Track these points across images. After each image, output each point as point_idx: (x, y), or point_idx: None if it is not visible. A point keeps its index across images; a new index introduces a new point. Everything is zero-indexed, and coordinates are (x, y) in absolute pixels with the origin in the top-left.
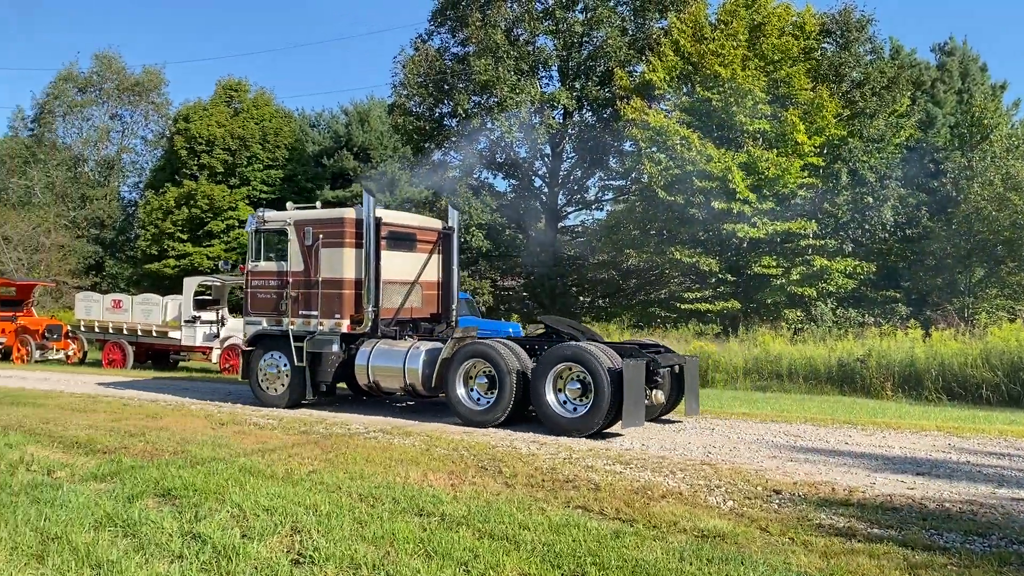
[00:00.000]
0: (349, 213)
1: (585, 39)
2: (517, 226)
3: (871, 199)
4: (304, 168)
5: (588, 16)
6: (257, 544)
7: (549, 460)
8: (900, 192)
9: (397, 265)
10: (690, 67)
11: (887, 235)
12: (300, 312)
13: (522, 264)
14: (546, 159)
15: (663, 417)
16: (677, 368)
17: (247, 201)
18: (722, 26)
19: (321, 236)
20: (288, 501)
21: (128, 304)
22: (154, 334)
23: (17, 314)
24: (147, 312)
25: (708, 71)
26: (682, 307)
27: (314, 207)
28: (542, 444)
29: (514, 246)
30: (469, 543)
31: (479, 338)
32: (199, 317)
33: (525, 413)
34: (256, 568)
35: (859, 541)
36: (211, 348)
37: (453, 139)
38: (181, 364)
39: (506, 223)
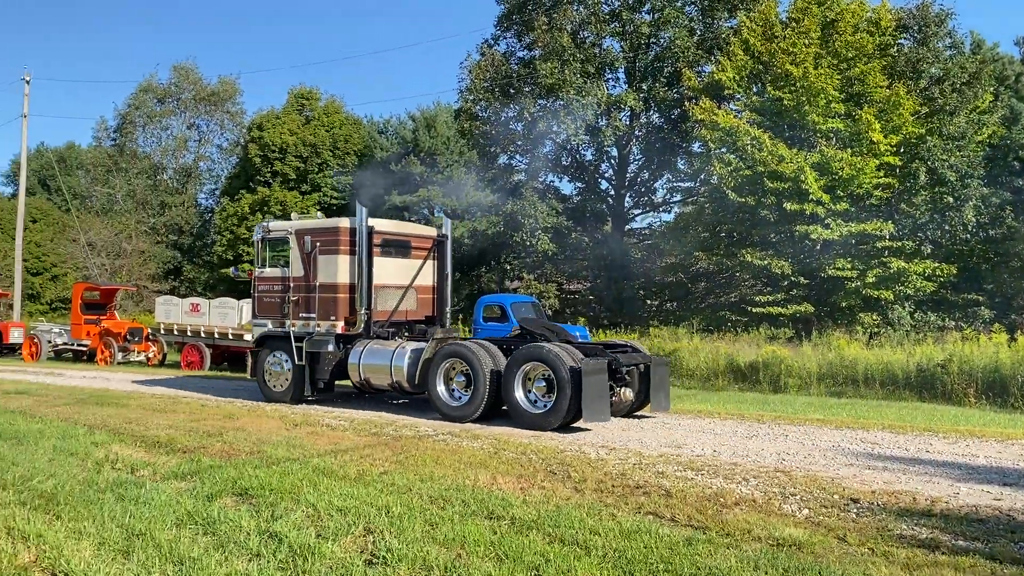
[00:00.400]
0: (343, 223)
1: (652, 40)
2: (583, 229)
3: (951, 199)
4: (373, 173)
5: (655, 17)
6: (332, 544)
7: (618, 466)
8: (983, 191)
9: (392, 270)
10: (760, 66)
11: (968, 236)
12: (300, 315)
13: (588, 267)
14: (612, 161)
15: (636, 413)
16: (643, 367)
17: (318, 207)
18: (793, 24)
19: (318, 244)
20: (361, 502)
21: (205, 308)
22: (230, 337)
23: (101, 317)
24: (223, 315)
25: (779, 70)
26: (753, 311)
27: (315, 217)
28: (611, 449)
29: (580, 249)
30: (540, 547)
31: (457, 339)
32: None
33: (500, 409)
34: (331, 568)
35: (943, 553)
36: None
37: (519, 143)
38: None
39: (572, 226)
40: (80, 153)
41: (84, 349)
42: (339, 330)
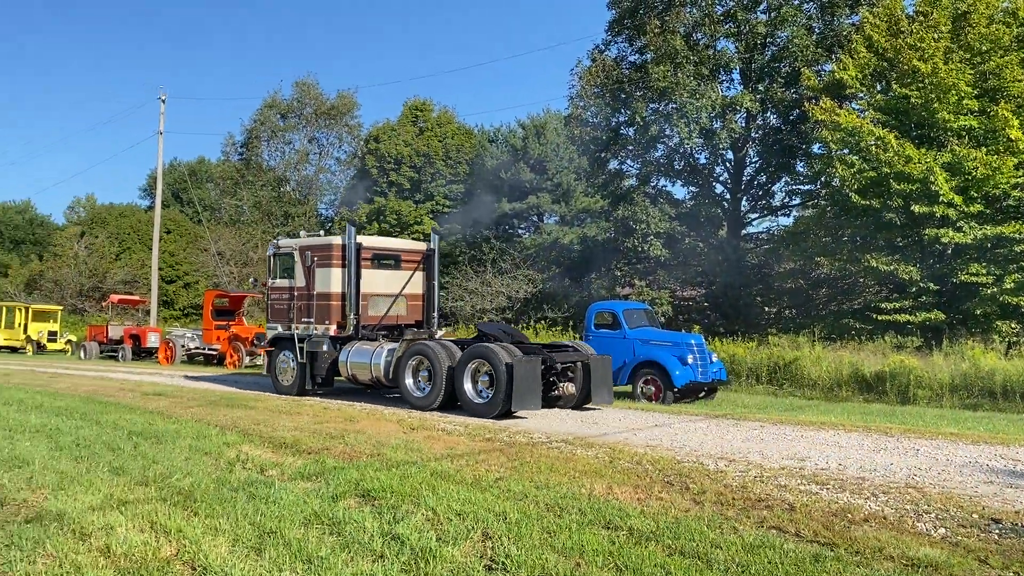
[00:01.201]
0: (336, 240)
1: (768, 40)
2: (697, 234)
3: None
4: (484, 182)
5: (772, 16)
6: (452, 548)
7: (739, 478)
8: None
9: (382, 280)
10: (885, 63)
11: None
12: (302, 319)
13: (703, 274)
14: (728, 164)
15: (586, 406)
16: (583, 364)
17: (431, 215)
18: (921, 18)
19: (316, 258)
20: (478, 507)
21: None
22: None
23: (230, 323)
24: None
25: (906, 67)
26: (878, 318)
27: (318, 235)
28: (730, 461)
29: (694, 255)
30: (659, 559)
31: (422, 340)
32: None
33: (456, 401)
34: (452, 571)
35: None
36: None
37: (630, 147)
38: None
39: (685, 231)
40: (210, 167)
41: (215, 353)
42: (332, 333)
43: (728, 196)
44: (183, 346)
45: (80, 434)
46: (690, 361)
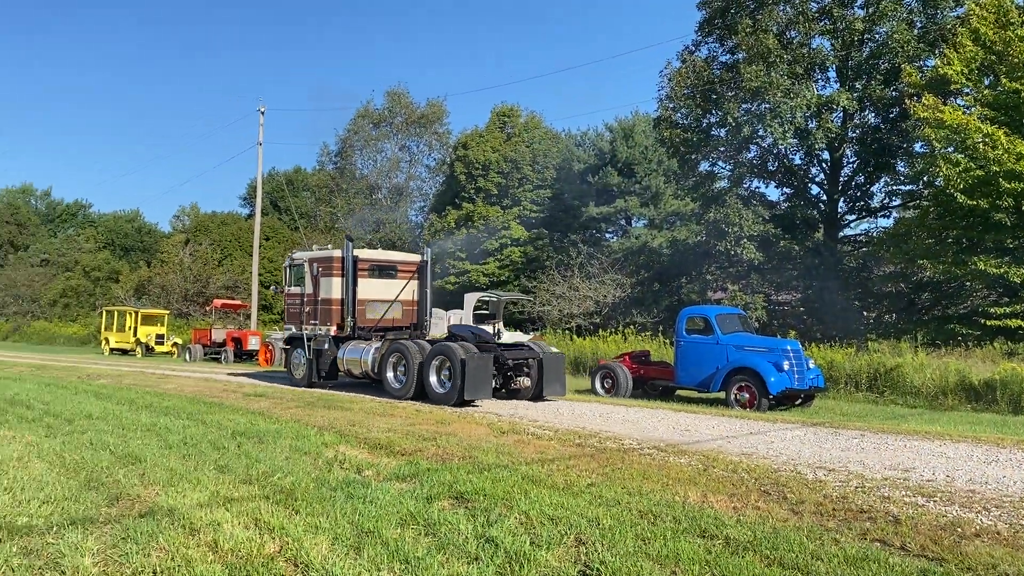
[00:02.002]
0: (337, 253)
1: (866, 36)
2: (792, 237)
3: None
4: (570, 186)
5: (870, 12)
6: (545, 552)
7: (839, 488)
8: None
9: (379, 288)
10: (993, 57)
11: None
12: (310, 322)
13: (798, 277)
14: (824, 165)
15: (546, 397)
16: (534, 361)
17: (518, 220)
18: None
19: (321, 268)
20: (571, 512)
21: None
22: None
23: None
24: (434, 325)
25: (1016, 59)
26: (987, 323)
27: (325, 248)
28: (829, 471)
29: (789, 258)
30: (758, 570)
31: (401, 340)
32: None
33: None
34: None
35: None
36: None
37: (721, 149)
38: None
39: (780, 234)
40: (306, 176)
41: None
42: (333, 333)
43: (824, 197)
44: (281, 349)
45: (187, 433)
46: (786, 367)
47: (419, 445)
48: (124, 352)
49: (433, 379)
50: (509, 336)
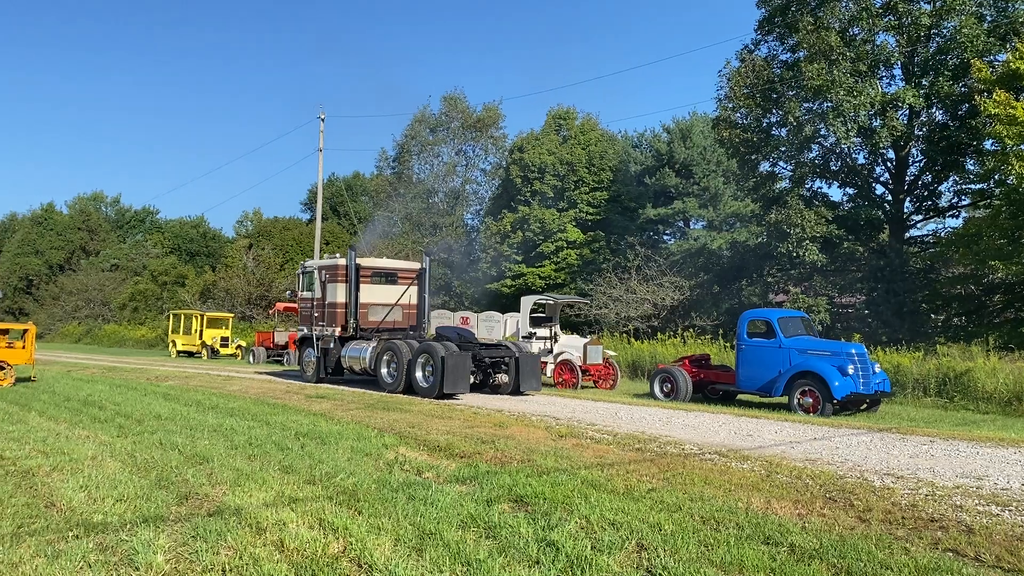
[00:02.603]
0: (342, 261)
1: (933, 31)
2: (856, 238)
3: None
4: (627, 188)
5: (937, 6)
6: (607, 557)
7: (908, 496)
8: None
9: (380, 293)
10: None
11: None
12: (319, 323)
13: (863, 279)
14: (889, 164)
15: (524, 391)
16: (511, 360)
17: (574, 223)
18: None
19: (327, 275)
20: (632, 517)
21: (474, 321)
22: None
23: None
24: (490, 328)
25: None
26: None
27: (333, 257)
28: (898, 478)
29: (852, 260)
30: None
31: (394, 339)
32: (535, 333)
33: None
34: None
35: None
36: (545, 363)
37: (782, 149)
38: None
39: (843, 235)
40: (364, 181)
41: None
42: (337, 334)
43: (889, 197)
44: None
45: (252, 434)
46: (850, 371)
47: (478, 448)
48: (190, 354)
49: (419, 374)
50: (566, 339)
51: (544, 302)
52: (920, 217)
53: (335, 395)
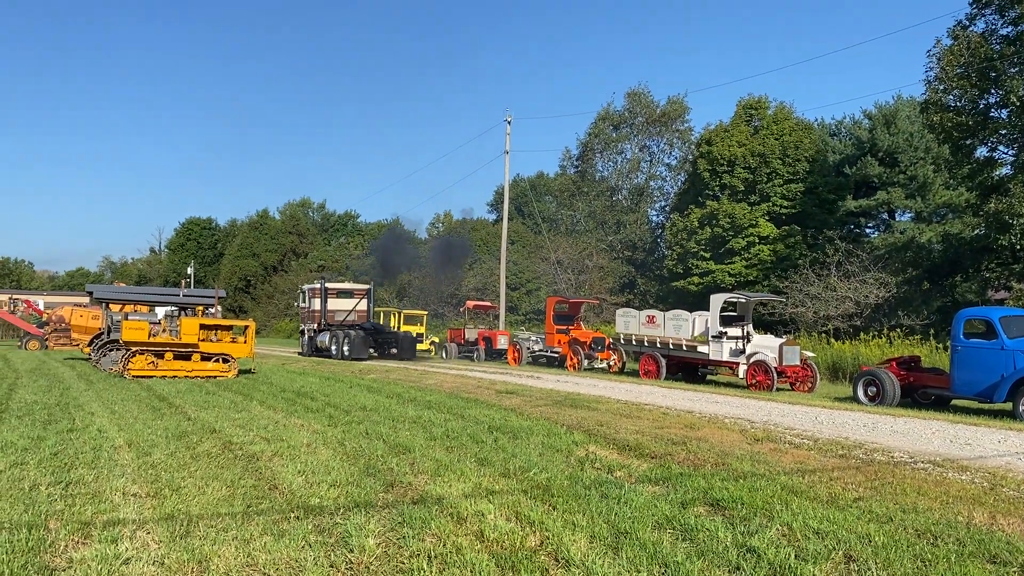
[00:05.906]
0: (316, 284)
1: None
2: None
3: None
4: (825, 179)
5: None
6: (812, 567)
7: None
8: None
9: (343, 303)
10: None
11: None
12: (307, 322)
13: None
14: None
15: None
16: (394, 339)
17: (767, 217)
18: None
19: (311, 293)
20: (837, 526)
21: (661, 319)
22: (684, 348)
23: (569, 328)
24: (677, 327)
25: None
26: None
27: (314, 283)
28: None
29: None
30: None
31: (338, 330)
32: (725, 333)
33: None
34: None
35: None
36: (737, 363)
37: (1003, 132)
38: (709, 378)
39: None
40: (547, 181)
41: (556, 355)
42: (315, 327)
43: None
44: (528, 348)
45: (448, 426)
46: None
47: (668, 449)
48: None
49: (345, 348)
50: (759, 339)
51: (735, 300)
52: None
53: (523, 391)
